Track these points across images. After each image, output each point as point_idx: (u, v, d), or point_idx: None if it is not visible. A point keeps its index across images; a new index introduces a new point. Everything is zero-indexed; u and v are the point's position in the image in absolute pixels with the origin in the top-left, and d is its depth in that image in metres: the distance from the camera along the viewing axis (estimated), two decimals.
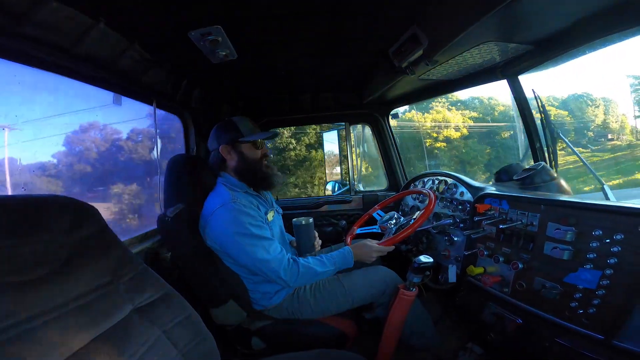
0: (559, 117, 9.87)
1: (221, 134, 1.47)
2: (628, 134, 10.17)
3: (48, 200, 0.72)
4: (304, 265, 1.35)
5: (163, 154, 1.83)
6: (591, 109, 11.34)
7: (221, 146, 1.45)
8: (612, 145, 10.60)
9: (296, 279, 1.33)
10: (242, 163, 1.46)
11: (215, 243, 1.35)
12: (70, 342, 0.63)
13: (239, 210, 1.31)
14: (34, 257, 0.64)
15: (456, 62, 1.43)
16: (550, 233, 1.03)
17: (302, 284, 1.41)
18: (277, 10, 1.09)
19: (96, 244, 0.76)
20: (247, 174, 1.47)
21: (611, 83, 7.13)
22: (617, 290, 0.85)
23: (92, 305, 0.70)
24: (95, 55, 1.06)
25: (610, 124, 11.12)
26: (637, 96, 9.22)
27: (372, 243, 1.48)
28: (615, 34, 1.08)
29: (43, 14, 0.85)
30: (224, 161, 1.48)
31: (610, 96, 10.52)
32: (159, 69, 1.40)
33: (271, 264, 1.29)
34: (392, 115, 2.44)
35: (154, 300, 0.81)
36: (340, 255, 1.43)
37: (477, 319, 1.32)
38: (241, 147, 1.46)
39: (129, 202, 2.59)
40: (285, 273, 1.31)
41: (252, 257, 1.29)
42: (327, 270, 1.39)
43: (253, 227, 1.31)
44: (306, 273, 1.35)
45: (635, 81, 8.88)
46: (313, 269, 1.36)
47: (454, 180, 1.67)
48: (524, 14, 1.03)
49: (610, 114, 11.19)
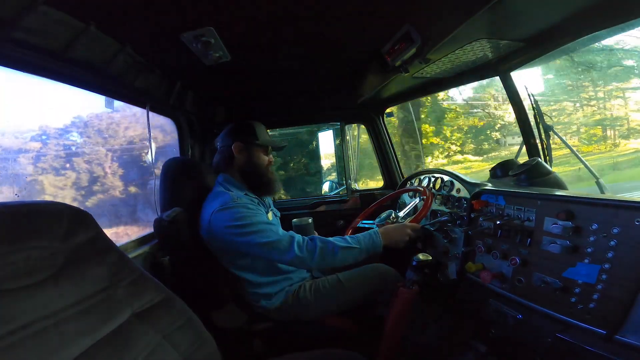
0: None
1: (238, 131, 1.51)
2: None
3: (42, 206, 0.71)
4: (321, 240, 1.32)
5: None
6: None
7: (235, 142, 1.48)
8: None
9: (315, 256, 1.29)
10: (249, 164, 1.50)
11: (221, 242, 1.34)
12: (70, 348, 0.63)
13: (240, 206, 1.33)
14: (28, 264, 0.63)
15: (449, 60, 1.44)
16: (547, 228, 1.04)
17: (323, 263, 1.33)
18: (269, 11, 1.08)
19: (92, 250, 0.75)
20: (251, 176, 1.50)
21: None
22: (616, 284, 0.85)
23: (90, 310, 0.69)
24: (86, 59, 1.05)
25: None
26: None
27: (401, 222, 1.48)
28: (603, 30, 1.09)
29: (32, 18, 0.84)
30: (232, 158, 1.49)
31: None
32: (151, 72, 1.39)
33: (282, 242, 1.28)
34: (387, 114, 2.45)
35: (153, 304, 0.81)
36: (366, 235, 1.39)
37: (478, 316, 1.32)
38: (253, 149, 1.50)
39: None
40: (300, 249, 1.28)
41: (261, 242, 1.28)
42: (350, 246, 1.33)
43: (255, 216, 1.32)
44: (325, 248, 1.30)
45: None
46: (332, 243, 1.32)
47: (450, 178, 1.68)
48: (515, 11, 1.03)
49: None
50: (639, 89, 6.00)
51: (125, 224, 1.88)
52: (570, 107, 6.68)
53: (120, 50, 1.15)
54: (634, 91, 5.93)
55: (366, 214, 1.90)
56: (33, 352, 0.58)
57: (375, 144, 2.46)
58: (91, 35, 1.00)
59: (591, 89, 6.31)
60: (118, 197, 2.13)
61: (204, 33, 1.14)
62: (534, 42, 1.28)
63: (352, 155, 2.82)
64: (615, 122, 6.35)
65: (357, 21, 1.22)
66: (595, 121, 6.51)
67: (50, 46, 0.93)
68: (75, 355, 0.63)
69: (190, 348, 0.82)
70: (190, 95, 1.79)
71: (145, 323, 0.77)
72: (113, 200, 2.12)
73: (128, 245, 1.43)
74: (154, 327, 0.78)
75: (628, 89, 6.01)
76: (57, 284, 0.66)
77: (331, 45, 1.43)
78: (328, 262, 1.33)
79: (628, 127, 6.37)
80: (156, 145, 1.96)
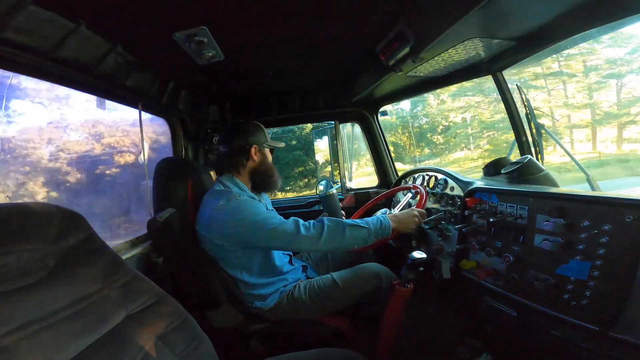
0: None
1: (254, 133, 1.52)
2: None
3: (33, 208, 0.70)
4: (329, 219, 1.33)
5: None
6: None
7: (253, 146, 1.50)
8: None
9: (324, 233, 1.28)
10: (263, 165, 1.53)
11: (223, 237, 1.34)
12: (64, 350, 0.62)
13: (242, 201, 1.34)
14: (20, 266, 0.62)
15: (442, 59, 1.45)
16: (539, 225, 1.05)
17: (332, 242, 1.31)
18: (262, 10, 1.08)
19: (84, 252, 0.75)
20: (264, 176, 1.53)
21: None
22: (607, 281, 0.86)
23: (84, 312, 0.69)
24: (77, 58, 1.04)
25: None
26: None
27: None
28: (593, 29, 1.10)
29: (22, 18, 0.83)
30: (246, 160, 1.51)
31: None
32: (144, 72, 1.37)
33: (286, 226, 1.30)
34: (382, 113, 2.45)
35: (147, 305, 0.80)
36: (374, 219, 1.39)
37: (474, 313, 1.34)
38: (265, 151, 1.54)
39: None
40: (307, 229, 1.29)
41: (267, 229, 1.29)
42: (359, 225, 1.33)
43: (257, 208, 1.35)
44: (334, 227, 1.30)
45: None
46: (340, 221, 1.32)
47: (444, 176, 1.69)
48: (506, 11, 1.04)
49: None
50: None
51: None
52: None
53: (112, 49, 1.14)
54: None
55: (361, 212, 1.91)
56: (28, 354, 0.57)
57: (370, 143, 2.47)
58: (82, 34, 0.99)
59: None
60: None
61: (197, 32, 1.13)
62: (525, 41, 1.29)
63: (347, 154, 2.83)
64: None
65: (351, 20, 1.22)
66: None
67: (40, 46, 0.92)
68: (70, 357, 0.62)
69: (187, 349, 0.81)
70: (183, 94, 1.78)
71: (140, 324, 0.77)
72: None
73: (121, 246, 1.42)
74: (149, 328, 0.77)
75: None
76: (50, 286, 0.66)
77: (325, 44, 1.43)
78: (337, 241, 1.31)
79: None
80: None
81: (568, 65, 6.78)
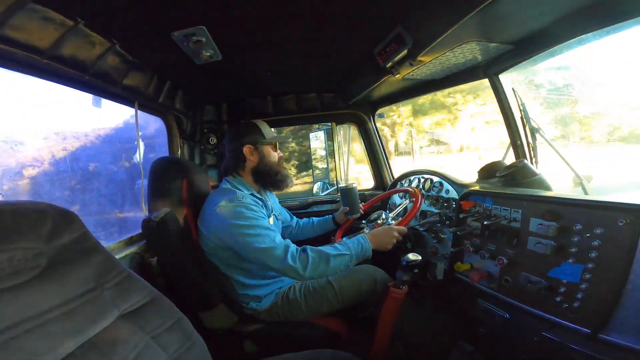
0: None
1: (245, 134, 1.52)
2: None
3: (26, 206, 0.69)
4: (312, 250, 1.32)
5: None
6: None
7: (245, 146, 1.49)
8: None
9: (308, 266, 1.27)
10: (263, 164, 1.52)
11: (219, 239, 1.34)
12: (56, 350, 0.62)
13: (244, 205, 1.33)
14: (12, 265, 0.61)
15: (440, 62, 1.45)
16: (533, 228, 1.06)
17: (316, 273, 1.31)
18: (261, 11, 1.08)
19: (77, 251, 0.74)
20: (266, 174, 1.52)
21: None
22: (599, 284, 0.87)
23: (76, 311, 0.68)
24: (74, 57, 1.03)
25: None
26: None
27: (387, 226, 1.48)
28: (590, 33, 1.12)
29: (19, 16, 0.82)
30: (243, 161, 1.51)
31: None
32: (141, 71, 1.37)
33: (276, 250, 1.28)
34: (378, 115, 2.46)
35: (140, 305, 0.80)
36: (354, 240, 1.39)
37: (467, 315, 1.34)
38: (263, 148, 1.52)
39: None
40: (293, 260, 1.27)
41: (257, 248, 1.28)
42: (341, 253, 1.32)
43: (255, 219, 1.32)
44: (317, 258, 1.29)
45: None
46: (324, 252, 1.31)
47: (440, 178, 1.70)
48: (504, 14, 1.05)
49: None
50: None
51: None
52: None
53: (109, 48, 1.13)
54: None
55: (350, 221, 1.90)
56: (19, 353, 0.57)
57: (366, 145, 2.48)
58: (79, 33, 0.98)
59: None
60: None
61: (196, 32, 1.13)
62: (522, 45, 1.30)
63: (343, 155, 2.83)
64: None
65: (350, 22, 1.23)
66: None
67: (36, 44, 0.91)
68: (61, 356, 0.62)
69: (180, 350, 0.81)
70: (180, 94, 1.77)
71: (133, 324, 0.76)
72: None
73: (115, 245, 1.41)
74: (142, 328, 0.77)
75: None
76: (42, 285, 0.65)
77: (323, 46, 1.43)
78: (321, 272, 1.31)
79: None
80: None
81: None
